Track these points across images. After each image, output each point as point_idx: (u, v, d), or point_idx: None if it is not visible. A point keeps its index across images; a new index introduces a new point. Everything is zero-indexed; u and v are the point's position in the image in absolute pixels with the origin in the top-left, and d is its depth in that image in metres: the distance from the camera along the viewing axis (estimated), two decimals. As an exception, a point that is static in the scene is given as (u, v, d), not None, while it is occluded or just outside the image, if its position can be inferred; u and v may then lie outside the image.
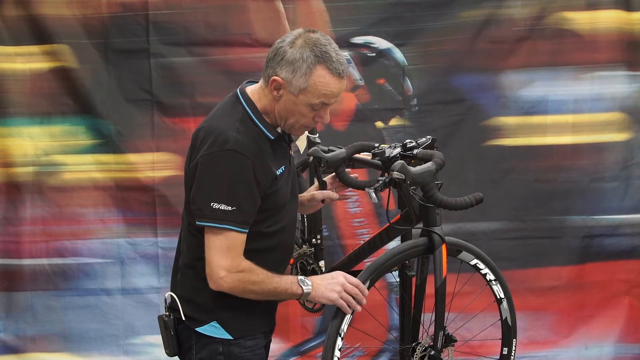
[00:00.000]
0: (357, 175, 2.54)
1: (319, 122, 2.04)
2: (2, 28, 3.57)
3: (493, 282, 2.42)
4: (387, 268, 2.24)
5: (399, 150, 2.24)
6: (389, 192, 2.12)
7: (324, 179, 2.56)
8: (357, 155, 2.50)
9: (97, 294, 3.68)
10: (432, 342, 2.27)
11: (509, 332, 2.46)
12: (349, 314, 2.12)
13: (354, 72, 3.63)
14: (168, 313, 2.11)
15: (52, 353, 3.68)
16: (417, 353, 2.28)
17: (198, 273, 2.04)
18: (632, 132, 3.64)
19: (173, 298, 2.09)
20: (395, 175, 2.00)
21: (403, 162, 2.04)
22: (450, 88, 3.63)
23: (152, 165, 3.64)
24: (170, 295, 2.11)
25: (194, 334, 2.06)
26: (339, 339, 2.13)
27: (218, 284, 1.95)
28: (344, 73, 1.96)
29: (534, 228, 3.66)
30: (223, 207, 1.91)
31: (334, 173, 2.51)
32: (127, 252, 3.68)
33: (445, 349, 2.30)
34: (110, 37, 3.59)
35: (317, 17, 3.55)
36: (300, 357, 3.71)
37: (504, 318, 2.45)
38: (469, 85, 3.63)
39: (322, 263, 2.88)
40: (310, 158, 2.49)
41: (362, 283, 2.11)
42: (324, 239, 2.94)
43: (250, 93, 2.05)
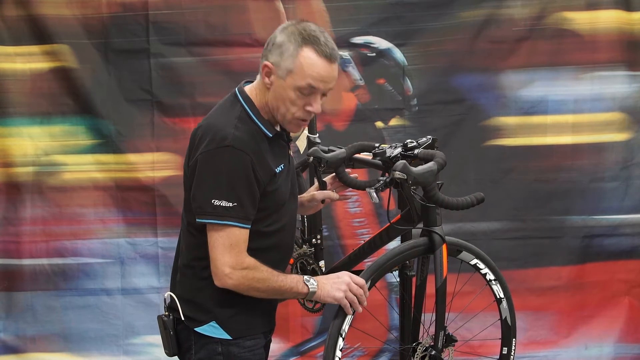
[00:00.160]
0: (357, 175, 2.54)
1: (310, 111, 1.97)
2: (2, 28, 3.57)
3: (493, 282, 2.42)
4: (387, 268, 2.23)
5: (400, 150, 2.24)
6: (390, 192, 2.11)
7: (324, 179, 2.56)
8: (357, 155, 2.50)
9: (97, 294, 3.68)
10: (432, 342, 2.27)
11: (509, 331, 2.46)
12: (351, 314, 2.12)
13: (354, 72, 3.63)
14: (167, 313, 2.11)
15: (52, 353, 3.68)
16: (417, 353, 2.28)
17: (197, 273, 2.05)
18: (632, 132, 3.64)
19: (172, 298, 2.09)
20: (397, 175, 1.99)
21: (405, 162, 2.04)
22: (450, 88, 3.63)
23: (152, 165, 3.64)
24: (170, 296, 2.11)
25: (193, 334, 2.06)
26: (340, 339, 2.12)
27: (223, 281, 1.95)
28: (333, 57, 1.94)
29: (534, 228, 3.66)
30: (224, 203, 1.91)
31: (334, 173, 2.51)
32: (127, 252, 3.68)
33: (446, 349, 2.30)
34: (110, 37, 3.59)
35: (317, 17, 3.54)
36: (300, 357, 3.71)
37: (504, 318, 2.45)
38: (469, 85, 3.63)
39: (322, 263, 2.88)
40: (310, 158, 2.49)
41: (365, 284, 2.11)
42: (324, 239, 2.94)
43: (249, 91, 2.05)
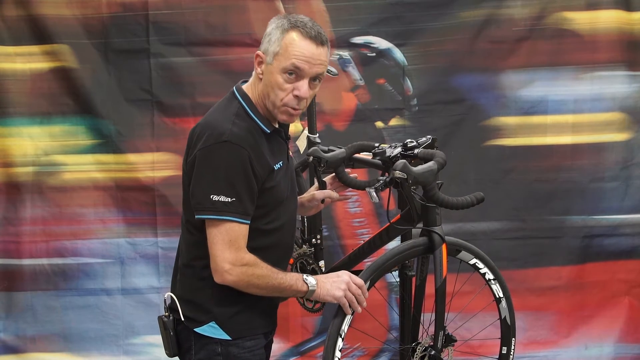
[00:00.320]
0: (357, 175, 2.54)
1: (298, 96, 1.96)
2: (2, 28, 3.57)
3: (492, 281, 2.42)
4: (387, 268, 2.23)
5: (400, 150, 2.24)
6: (390, 192, 2.11)
7: (324, 179, 2.56)
8: (357, 155, 2.50)
9: (97, 294, 3.68)
10: (432, 342, 2.27)
11: (508, 331, 2.46)
12: (350, 315, 2.12)
13: (354, 72, 3.63)
14: (168, 314, 2.11)
15: (52, 353, 3.68)
16: (417, 353, 2.28)
17: (196, 273, 2.05)
18: (632, 132, 3.64)
19: (173, 299, 2.09)
20: (398, 175, 1.99)
21: (405, 161, 2.04)
22: (450, 88, 3.63)
23: (152, 165, 3.64)
24: (170, 296, 2.11)
25: (193, 335, 2.06)
26: (340, 340, 2.12)
27: (223, 278, 1.95)
28: (318, 39, 1.95)
29: (534, 228, 3.66)
30: (223, 198, 1.91)
31: (334, 173, 2.51)
32: (127, 252, 3.68)
33: (445, 349, 2.30)
34: (110, 37, 3.59)
35: (317, 17, 3.54)
36: (300, 357, 3.70)
37: (503, 317, 2.45)
38: (469, 85, 3.63)
39: (322, 263, 2.88)
40: (310, 158, 2.49)
41: (364, 284, 2.11)
42: (324, 239, 2.94)
43: (246, 88, 2.07)
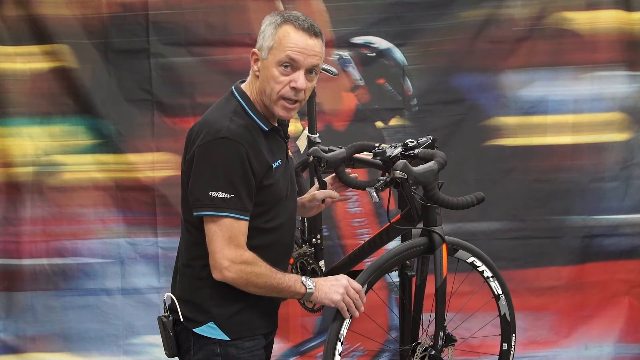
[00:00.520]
0: (357, 175, 2.54)
1: (295, 87, 1.97)
2: (2, 28, 3.57)
3: (490, 278, 2.42)
4: (387, 268, 2.23)
5: (400, 150, 2.24)
6: (390, 192, 2.11)
7: (324, 179, 2.56)
8: (357, 155, 2.49)
9: (97, 294, 3.68)
10: (432, 342, 2.27)
11: (508, 327, 2.47)
12: (348, 319, 2.12)
13: (354, 72, 3.63)
14: (167, 314, 2.11)
15: (52, 353, 3.68)
16: (417, 353, 2.28)
17: (196, 272, 2.05)
18: (632, 132, 3.64)
19: (172, 299, 2.09)
20: (398, 175, 1.99)
21: (405, 161, 2.04)
22: (450, 88, 3.63)
23: (152, 165, 3.64)
24: (170, 297, 2.11)
25: (192, 335, 2.06)
26: (339, 344, 2.13)
27: (222, 274, 1.95)
28: (311, 30, 1.97)
29: (534, 228, 3.66)
30: (221, 195, 1.91)
31: (334, 174, 2.51)
32: (127, 252, 3.68)
33: (446, 349, 2.30)
34: (110, 37, 3.59)
35: (317, 17, 3.54)
36: (300, 357, 3.70)
37: (503, 314, 2.46)
38: (469, 85, 3.63)
39: (322, 263, 2.88)
40: (310, 158, 2.49)
41: (362, 289, 2.12)
42: (324, 239, 2.94)
43: (244, 87, 2.09)
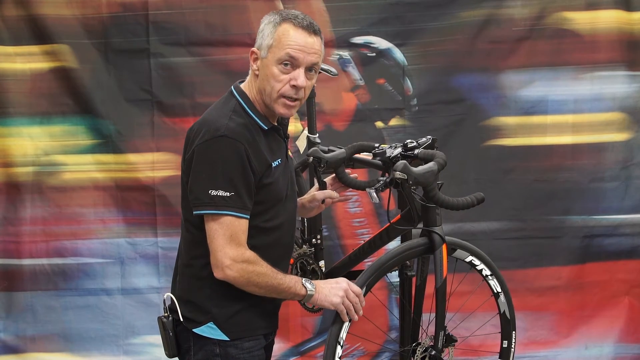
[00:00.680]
0: (357, 176, 2.54)
1: (295, 85, 1.97)
2: (2, 28, 3.57)
3: (489, 277, 2.42)
4: (387, 268, 2.24)
5: (400, 150, 2.24)
6: (390, 192, 2.11)
7: (324, 180, 2.56)
8: (357, 155, 2.50)
9: (97, 294, 3.68)
10: (432, 342, 2.27)
11: (508, 325, 2.47)
12: (347, 322, 2.12)
13: (354, 72, 3.63)
14: (167, 314, 2.11)
15: (52, 353, 3.68)
16: (417, 353, 2.28)
17: (195, 272, 2.05)
18: (632, 132, 3.64)
19: (172, 299, 2.09)
20: (398, 176, 1.99)
21: (405, 162, 2.04)
22: (450, 88, 3.63)
23: (152, 165, 3.64)
24: (170, 297, 2.11)
25: (192, 335, 2.06)
26: (339, 347, 2.13)
27: (223, 273, 1.95)
28: (310, 28, 1.98)
29: (534, 228, 3.66)
30: (221, 193, 1.91)
31: (334, 174, 2.51)
32: (127, 252, 3.68)
33: (446, 349, 2.30)
34: (110, 37, 3.59)
35: (317, 17, 3.54)
36: (300, 357, 3.70)
37: (502, 312, 2.46)
38: (469, 85, 3.63)
39: (322, 263, 2.88)
40: (310, 158, 2.49)
41: (362, 293, 2.12)
42: (324, 239, 2.94)
43: (243, 86, 2.09)
